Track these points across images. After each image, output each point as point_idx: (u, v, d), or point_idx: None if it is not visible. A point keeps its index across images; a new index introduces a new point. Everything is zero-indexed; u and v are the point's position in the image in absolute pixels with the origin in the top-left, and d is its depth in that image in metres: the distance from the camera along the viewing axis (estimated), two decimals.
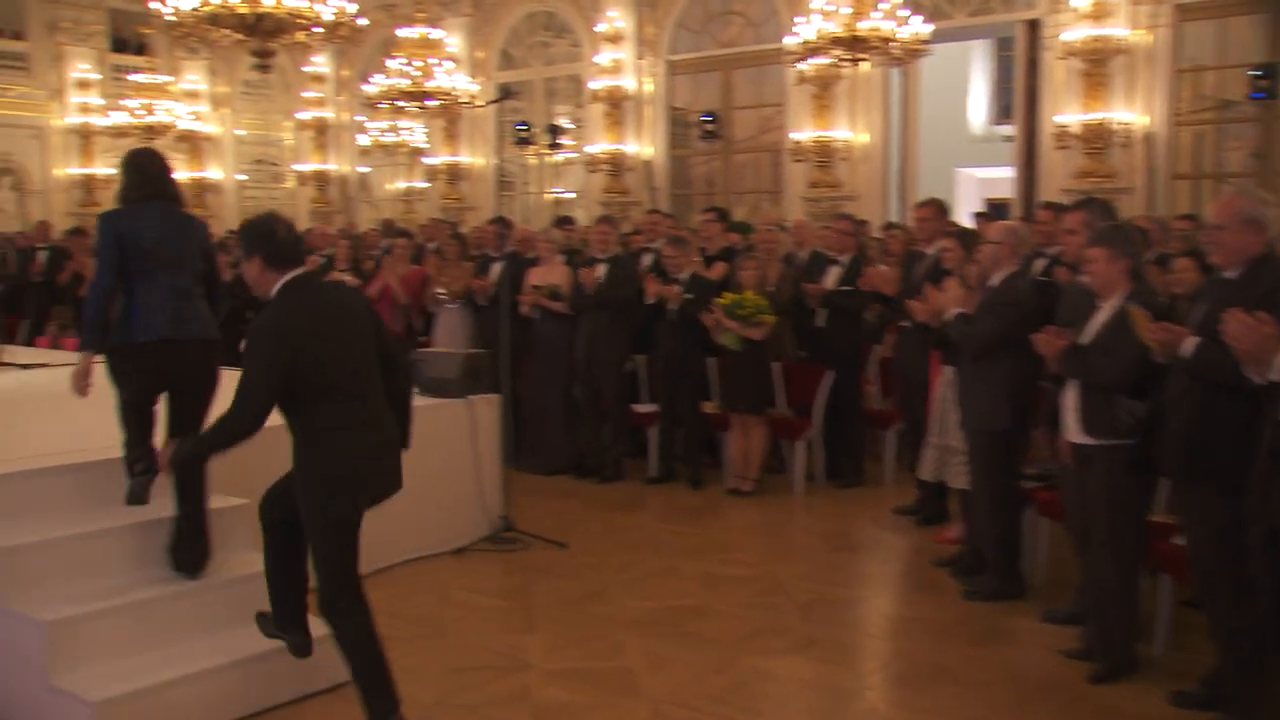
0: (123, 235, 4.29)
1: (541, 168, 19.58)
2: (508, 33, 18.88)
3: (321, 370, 3.61)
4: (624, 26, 16.83)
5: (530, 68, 19.02)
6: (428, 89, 16.27)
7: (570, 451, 8.25)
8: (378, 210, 21.96)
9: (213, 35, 12.40)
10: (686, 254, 7.83)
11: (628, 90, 16.93)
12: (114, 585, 4.15)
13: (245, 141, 24.22)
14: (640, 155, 17.05)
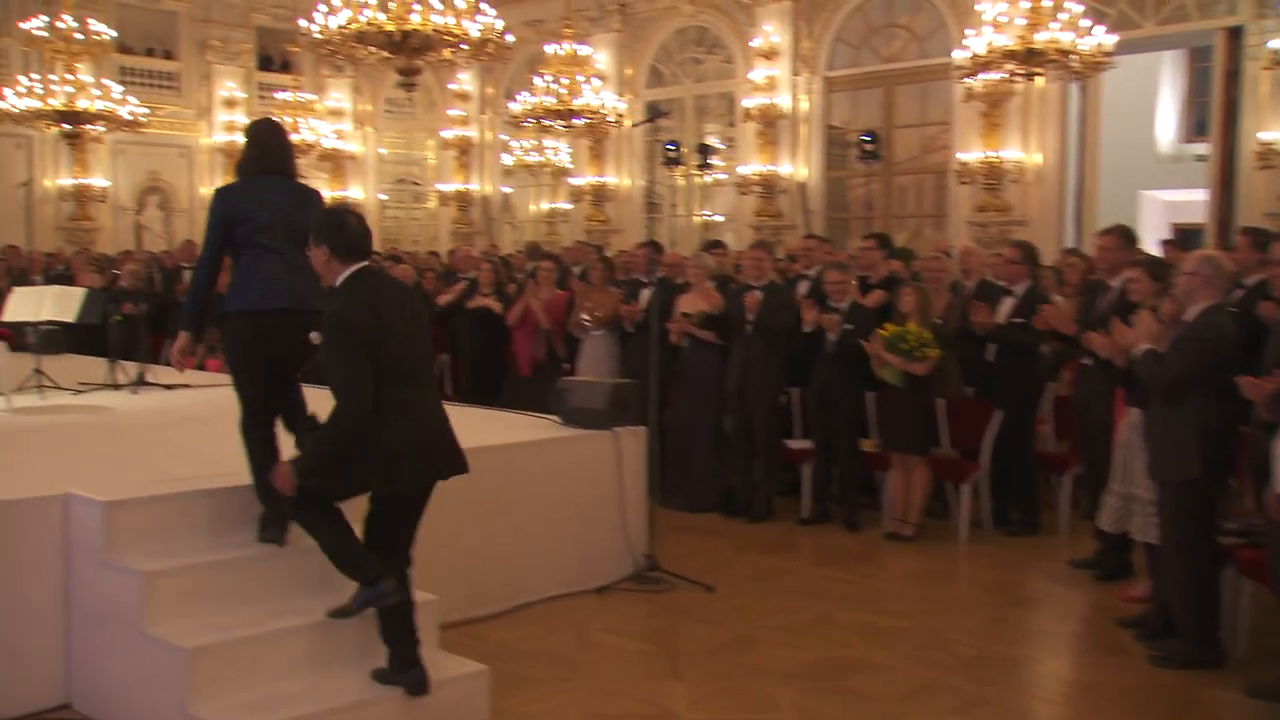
0: (231, 212, 4.49)
1: (690, 189, 19.72)
2: (657, 49, 19.14)
3: (382, 356, 3.89)
4: (780, 41, 16.87)
5: (680, 85, 19.23)
6: (574, 107, 16.63)
7: (718, 488, 8.25)
8: (520, 232, 22.47)
9: (359, 53, 12.97)
10: (849, 281, 7.78)
11: (782, 108, 16.95)
12: (256, 613, 4.30)
13: (387, 160, 25.16)
14: (795, 177, 17.02)
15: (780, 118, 16.93)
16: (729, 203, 19.70)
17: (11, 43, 20.26)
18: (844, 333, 7.59)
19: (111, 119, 17.66)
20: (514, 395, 8.91)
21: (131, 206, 21.72)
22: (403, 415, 3.95)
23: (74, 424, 6.52)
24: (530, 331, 9.15)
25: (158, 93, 22.38)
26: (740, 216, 18.01)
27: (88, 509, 4.32)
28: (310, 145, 21.10)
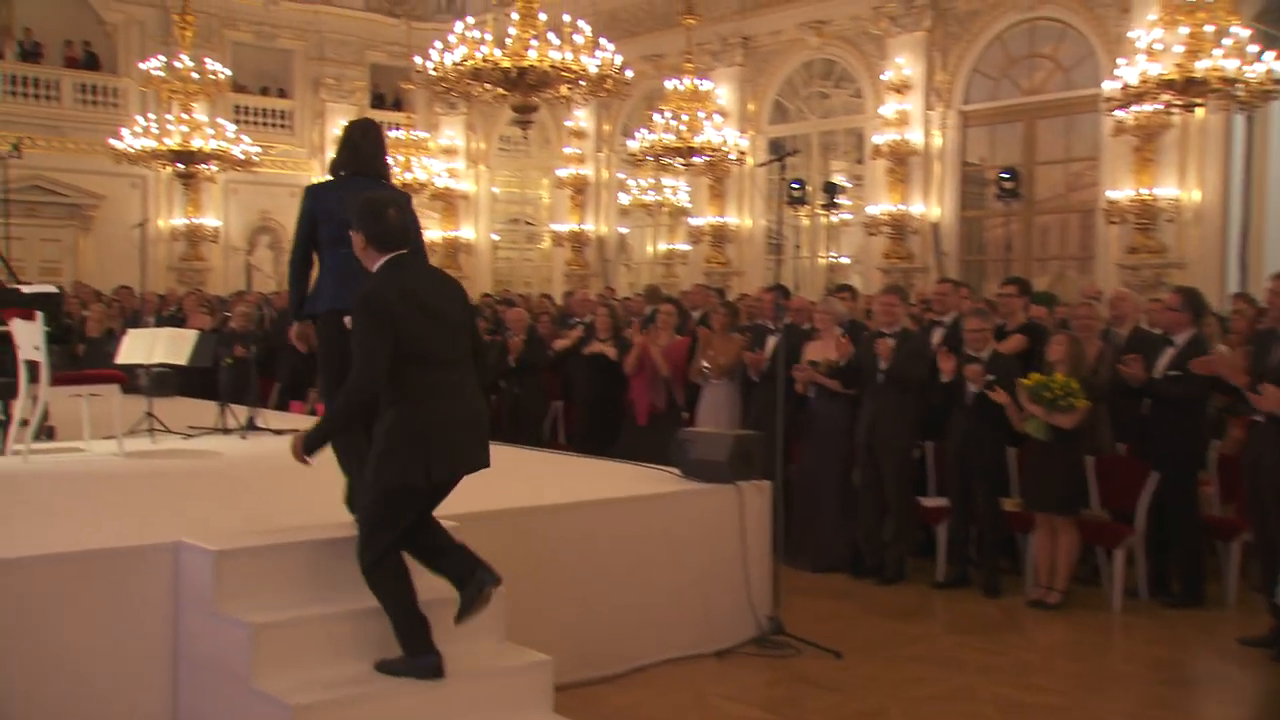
0: (316, 210, 4.81)
1: (815, 230, 19.67)
2: (782, 83, 19.22)
3: (411, 340, 4.15)
4: (912, 74, 16.79)
5: (805, 120, 19.26)
6: (694, 144, 16.78)
7: (846, 546, 8.12)
8: (637, 274, 22.66)
9: (474, 90, 13.31)
10: (990, 328, 7.62)
11: (914, 144, 16.83)
12: (366, 670, 4.36)
13: (501, 200, 25.69)
14: (927, 216, 16.85)
15: (912, 154, 16.81)
16: (856, 244, 19.58)
17: (130, 83, 21.36)
18: (985, 384, 7.44)
19: (225, 158, 18.41)
20: (630, 445, 8.92)
21: (243, 246, 22.56)
22: (429, 397, 4.18)
23: (184, 469, 6.73)
24: (648, 379, 9.17)
25: (271, 131, 23.28)
26: (869, 259, 17.88)
27: (198, 558, 4.44)
28: (422, 184, 21.66)
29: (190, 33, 18.56)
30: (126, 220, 19.78)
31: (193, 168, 18.72)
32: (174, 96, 18.55)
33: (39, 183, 20.23)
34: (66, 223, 21.18)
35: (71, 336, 8.75)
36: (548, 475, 6.85)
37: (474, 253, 25.21)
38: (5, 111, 20.32)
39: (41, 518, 5.09)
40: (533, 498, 5.80)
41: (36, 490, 5.83)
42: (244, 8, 23.02)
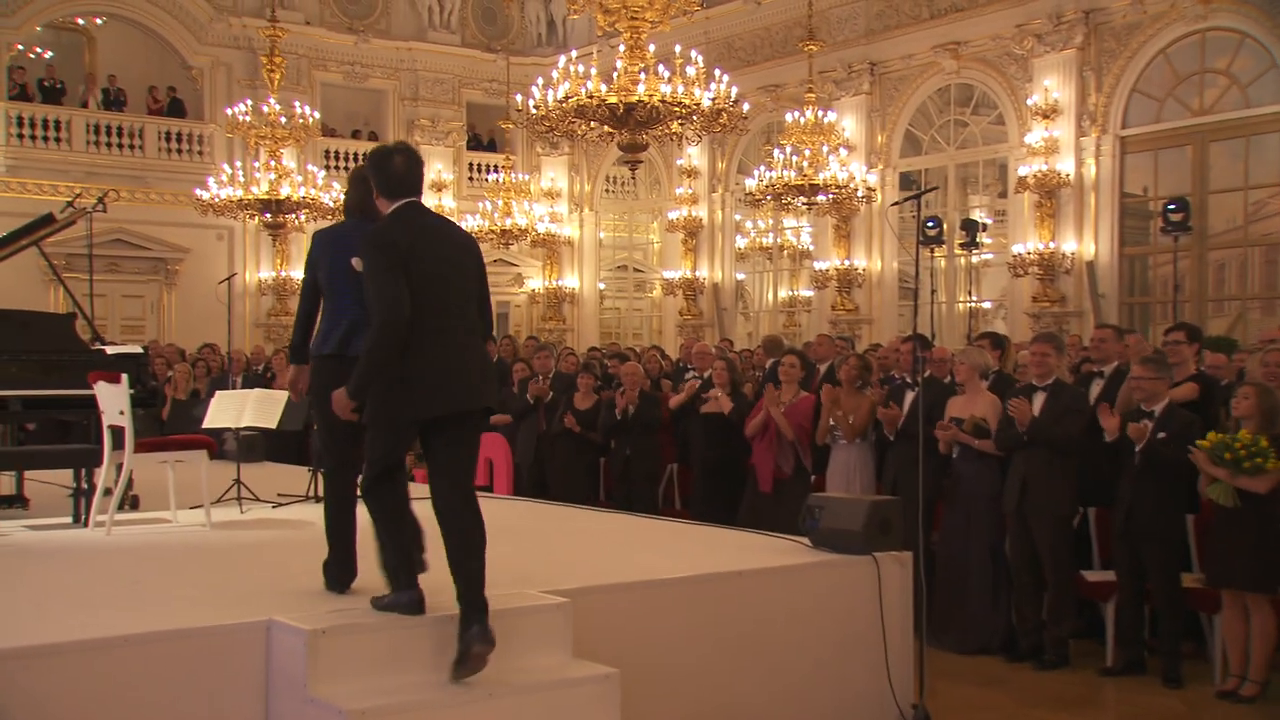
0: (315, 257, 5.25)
1: (954, 271, 19.45)
2: (914, 112, 19.13)
3: (416, 284, 4.57)
4: (1062, 97, 16.60)
5: (941, 152, 19.14)
6: (818, 181, 16.77)
7: (998, 626, 7.93)
8: (755, 324, 22.64)
9: (578, 129, 13.50)
10: (1163, 379, 7.40)
11: (1065, 175, 16.60)
12: None
13: (607, 245, 25.97)
14: (1081, 255, 16.56)
15: (1062, 186, 16.55)
16: (1000, 286, 19.31)
17: (216, 130, 22.17)
18: (1155, 442, 7.22)
19: (314, 206, 18.91)
20: (753, 513, 8.87)
21: None
22: (427, 341, 4.62)
23: (275, 541, 6.87)
24: (771, 441, 9.11)
25: None
26: (1015, 302, 17.61)
27: (290, 638, 4.51)
28: (523, 230, 21.95)
29: (278, 75, 19.18)
30: (212, 274, 20.40)
31: (281, 217, 19.26)
32: (261, 142, 19.14)
33: (121, 236, 21.05)
34: (150, 278, 21.96)
35: (156, 400, 9.02)
36: (664, 545, 6.83)
37: (579, 303, 25.47)
38: (88, 162, 21.24)
39: (125, 595, 5.22)
40: (648, 571, 5.78)
41: (120, 565, 5.99)
42: (334, 47, 23.77)
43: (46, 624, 4.59)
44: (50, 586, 5.41)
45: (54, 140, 21.23)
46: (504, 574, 5.77)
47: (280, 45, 19.45)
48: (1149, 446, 7.21)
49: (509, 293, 25.75)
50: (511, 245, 23.30)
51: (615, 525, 7.73)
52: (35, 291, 18.68)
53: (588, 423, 10.45)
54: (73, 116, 21.58)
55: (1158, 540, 7.28)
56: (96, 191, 10.96)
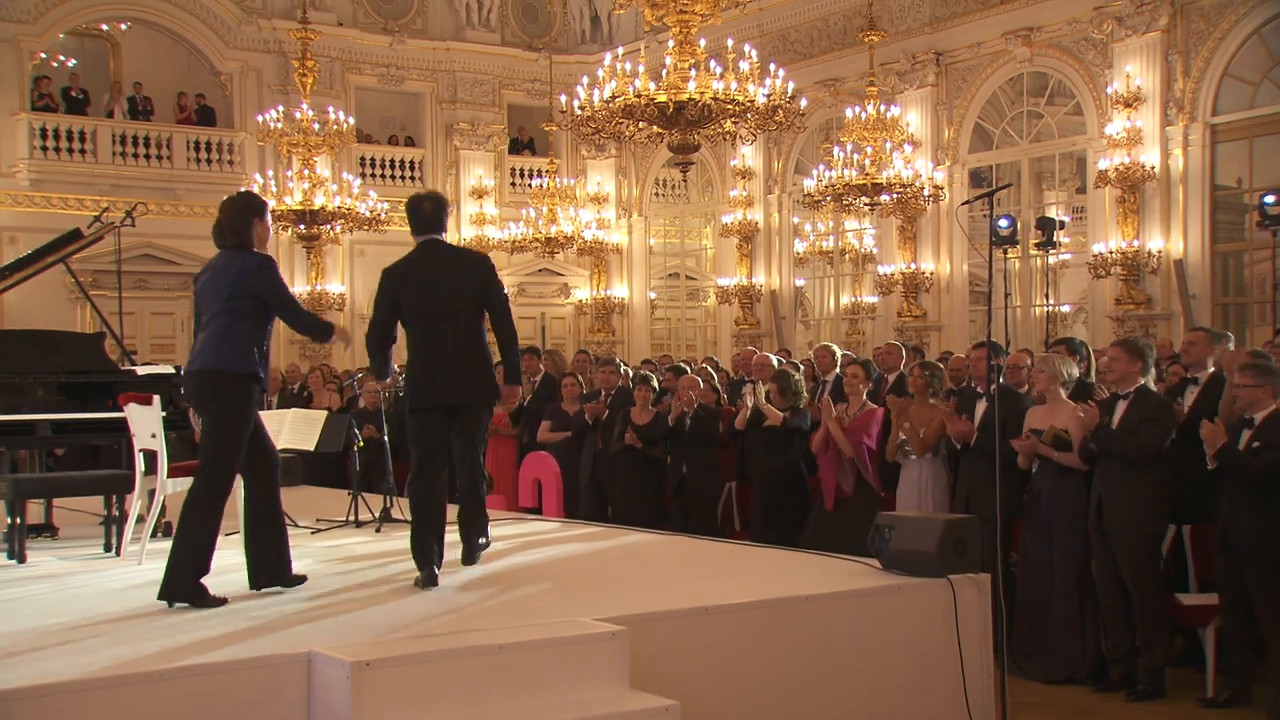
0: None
1: (1029, 273, 19.30)
2: (983, 104, 19.02)
3: (403, 305, 6.47)
4: (1145, 84, 16.45)
5: (1013, 146, 19.02)
6: (881, 180, 16.71)
7: (1086, 653, 7.84)
8: (816, 332, 22.59)
9: (625, 130, 13.55)
10: (1266, 385, 7.28)
11: (1150, 167, 16.44)
12: None
13: (658, 252, 26.00)
14: (1168, 253, 16.38)
15: (1147, 179, 16.39)
16: (1080, 289, 19.16)
17: (246, 138, 22.42)
18: (1237, 453, 7.12)
19: (350, 217, 19.08)
20: (817, 533, 8.85)
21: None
22: (415, 348, 6.47)
23: (315, 569, 6.92)
24: (834, 457, 9.07)
25: (399, 185, 24.06)
26: (1096, 305, 17.46)
27: (333, 670, 4.54)
28: (569, 237, 22.03)
29: (311, 80, 19.39)
30: None
31: (315, 229, 19.45)
32: (294, 150, 19.35)
33: (150, 251, 21.28)
34: (181, 294, 22.15)
35: (190, 422, 9.13)
36: (725, 569, 6.83)
37: (629, 313, 25.52)
38: (115, 175, 21.55)
39: (159, 627, 5.28)
40: (708, 596, 5.77)
41: (154, 596, 6.04)
42: (368, 49, 23.98)
43: (79, 658, 4.65)
44: (82, 619, 5.48)
45: (79, 152, 21.53)
46: (555, 601, 5.81)
47: (312, 48, 19.69)
48: (1226, 456, 7.11)
49: (554, 303, 25.83)
50: (557, 254, 23.40)
51: (673, 548, 7.72)
52: (62, 310, 19.01)
53: (648, 438, 10.44)
54: (98, 127, 21.87)
55: (1259, 559, 7.17)
56: (124, 205, 11.09)
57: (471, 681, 4.71)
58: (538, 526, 8.74)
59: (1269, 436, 7.09)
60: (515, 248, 22.91)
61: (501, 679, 4.74)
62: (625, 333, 25.46)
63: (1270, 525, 7.11)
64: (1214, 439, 7.19)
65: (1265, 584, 7.13)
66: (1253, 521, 7.12)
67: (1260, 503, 7.10)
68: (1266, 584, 7.13)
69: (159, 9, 22.39)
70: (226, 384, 5.95)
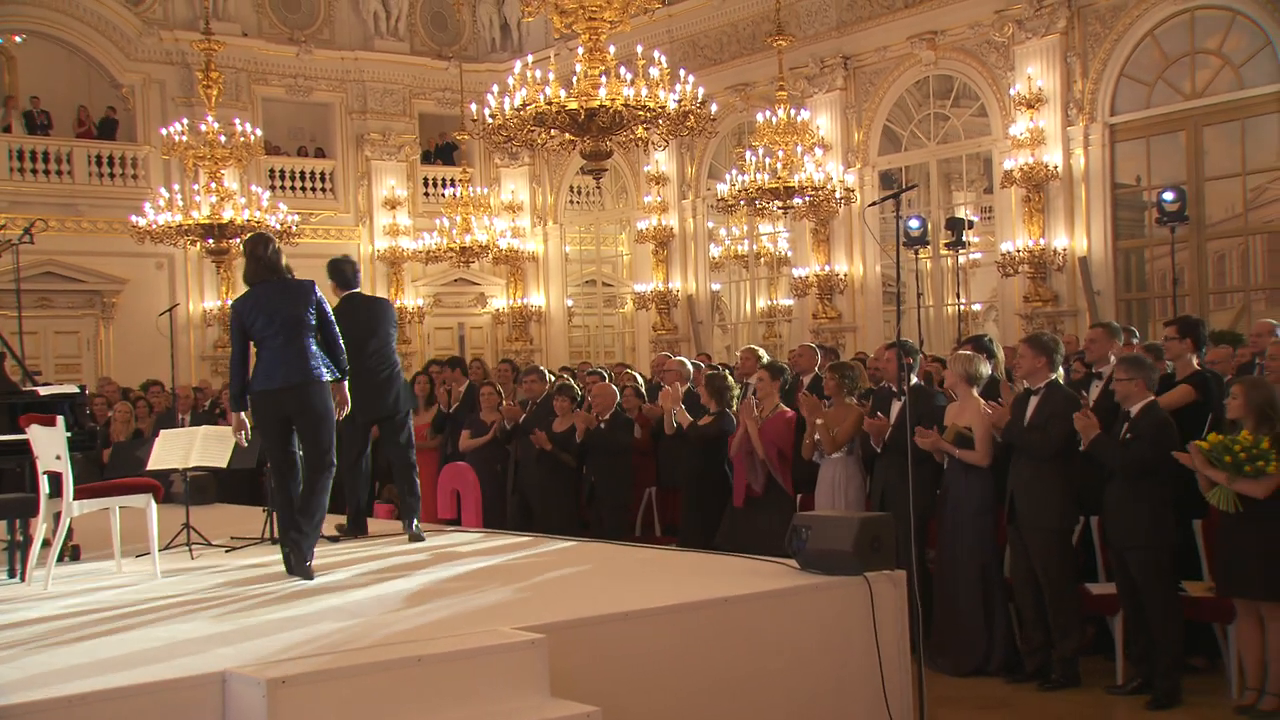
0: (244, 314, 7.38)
1: (940, 273, 19.57)
2: (891, 107, 19.25)
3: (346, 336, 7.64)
4: (1046, 85, 16.76)
5: (921, 149, 19.27)
6: (793, 184, 16.84)
7: (994, 645, 7.99)
8: (733, 336, 22.71)
9: (538, 138, 13.54)
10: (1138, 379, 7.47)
11: (1053, 167, 16.73)
12: None
13: (574, 259, 26.01)
14: (1073, 250, 16.69)
15: (1050, 179, 16.71)
16: (990, 287, 19.44)
17: (150, 151, 22.07)
18: (1125, 444, 7.30)
19: (260, 229, 18.81)
20: (731, 532, 8.93)
21: None
22: (351, 372, 7.65)
23: (229, 588, 6.85)
24: (745, 457, 9.13)
25: (310, 198, 23.88)
26: (1006, 303, 17.73)
27: (248, 690, 4.50)
28: (484, 246, 21.98)
29: (216, 91, 19.14)
30: (153, 306, 20.10)
31: (224, 243, 19.16)
32: (200, 163, 19.09)
33: (52, 268, 20.87)
34: (85, 312, 21.84)
35: (96, 441, 8.98)
36: (643, 574, 6.86)
37: (546, 321, 25.50)
38: (13, 191, 21.06)
39: (67, 653, 5.20)
40: (627, 601, 5.80)
41: (62, 621, 5.96)
42: (274, 59, 23.74)
43: None
44: None
45: None
46: (473, 611, 5.80)
47: (216, 59, 19.43)
48: (1098, 446, 7.30)
49: (471, 313, 25.76)
50: (473, 263, 23.35)
51: (592, 555, 7.74)
52: None
53: (564, 445, 10.46)
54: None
55: (1140, 547, 7.34)
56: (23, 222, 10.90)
57: (391, 695, 4.69)
58: (457, 538, 8.72)
59: (1140, 429, 7.28)
60: (430, 258, 22.82)
61: (421, 691, 4.73)
62: (543, 340, 25.44)
63: (1144, 516, 7.28)
64: (1087, 431, 7.38)
65: (1146, 571, 7.30)
66: (1128, 512, 7.31)
67: (1134, 494, 7.29)
68: (1146, 571, 7.30)
69: (55, 21, 21.97)
70: (326, 392, 7.26)
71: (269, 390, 7.16)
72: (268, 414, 7.24)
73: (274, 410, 7.19)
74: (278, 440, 7.26)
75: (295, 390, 7.15)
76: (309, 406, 7.20)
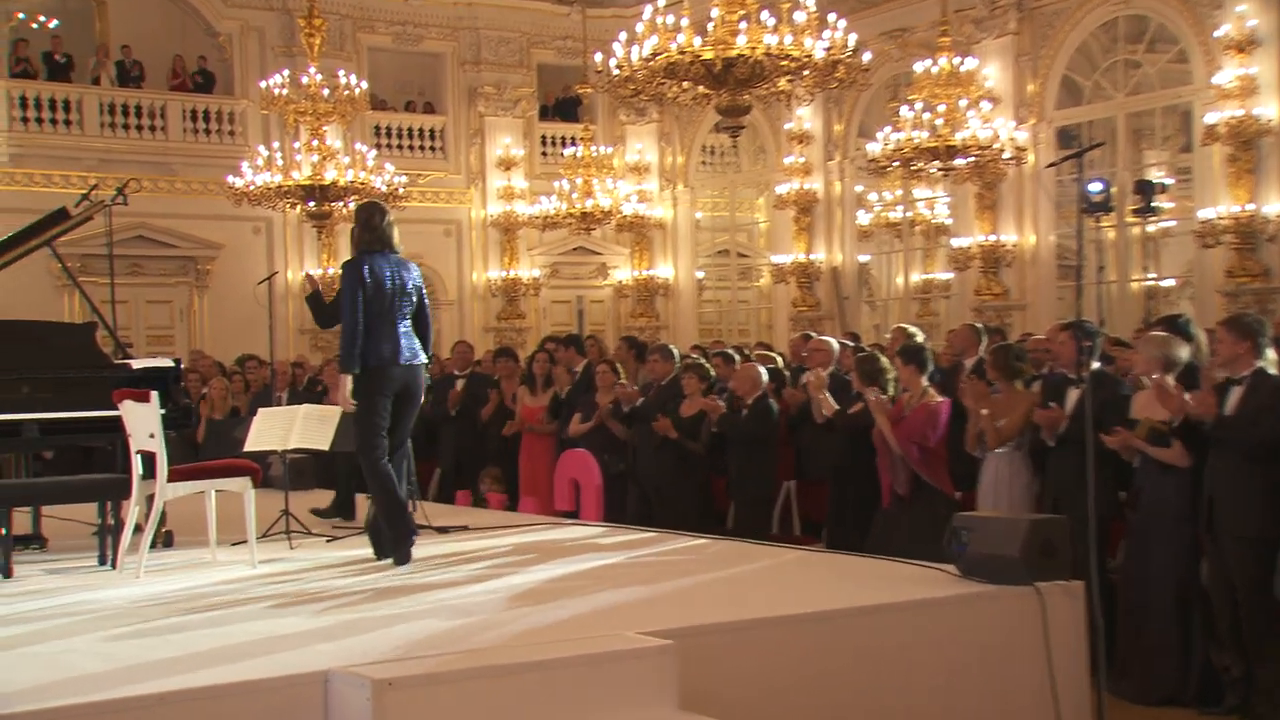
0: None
1: (1125, 244, 19.18)
2: (1072, 54, 18.86)
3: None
4: (1260, 26, 16.20)
5: (1108, 100, 18.86)
6: (955, 142, 16.61)
7: (1190, 671, 7.81)
8: (883, 314, 22.54)
9: (668, 91, 13.54)
10: None
11: (1265, 121, 16.19)
12: None
13: (705, 227, 25.98)
14: None
15: (1262, 135, 16.19)
16: (1184, 260, 19.00)
17: (248, 105, 22.47)
18: None
19: (365, 192, 19.03)
20: (880, 534, 8.87)
21: None
22: None
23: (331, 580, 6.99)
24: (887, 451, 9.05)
25: (418, 157, 24.13)
26: (1204, 278, 17.30)
27: (353, 691, 4.60)
28: (606, 212, 21.98)
29: (319, 40, 19.40)
30: (250, 274, 20.44)
31: (326, 206, 19.48)
32: (301, 119, 19.38)
33: (144, 232, 21.34)
34: (179, 279, 22.34)
35: (190, 420, 9.22)
36: (781, 577, 6.87)
37: (674, 295, 25.53)
38: (103, 149, 21.58)
39: (160, 647, 5.35)
40: (765, 606, 5.81)
41: (154, 613, 6.13)
42: (381, 5, 24.01)
43: (72, 683, 4.72)
44: (74, 639, 5.57)
45: (63, 123, 21.51)
46: (593, 612, 5.85)
47: (320, 4, 19.69)
48: None
49: (591, 285, 25.86)
50: (594, 230, 23.43)
51: (725, 554, 7.75)
52: (47, 299, 19.16)
53: (691, 432, 10.44)
54: (84, 95, 21.85)
55: None
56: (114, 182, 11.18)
57: (504, 702, 4.76)
58: (576, 532, 8.80)
59: None
60: (547, 224, 22.93)
61: (537, 699, 4.79)
62: (670, 317, 25.47)
63: None
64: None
65: None
66: None
67: None
68: None
69: None
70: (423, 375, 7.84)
71: (379, 365, 7.48)
72: (374, 388, 7.51)
73: (383, 386, 7.51)
74: (379, 417, 7.55)
75: (408, 369, 7.59)
76: (417, 388, 7.71)
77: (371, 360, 7.48)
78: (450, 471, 13.03)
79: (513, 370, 12.98)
